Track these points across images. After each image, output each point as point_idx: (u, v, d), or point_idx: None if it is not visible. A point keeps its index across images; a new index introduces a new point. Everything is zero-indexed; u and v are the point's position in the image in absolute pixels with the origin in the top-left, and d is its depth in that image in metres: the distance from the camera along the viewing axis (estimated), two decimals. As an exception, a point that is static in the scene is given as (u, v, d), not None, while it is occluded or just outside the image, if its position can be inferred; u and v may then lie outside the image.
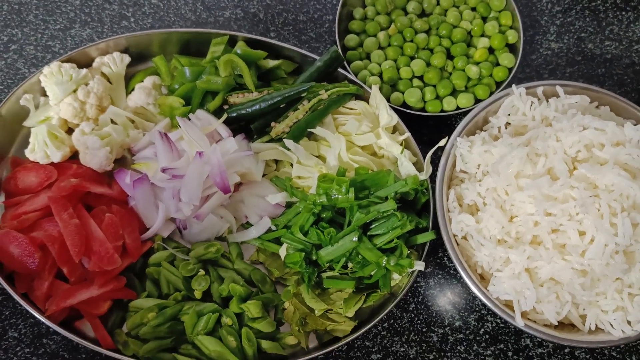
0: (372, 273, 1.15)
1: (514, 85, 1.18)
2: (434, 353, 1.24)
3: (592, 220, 0.98)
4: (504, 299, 1.06)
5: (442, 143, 1.18)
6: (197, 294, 1.16)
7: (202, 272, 1.17)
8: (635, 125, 1.06)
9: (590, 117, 1.08)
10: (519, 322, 1.03)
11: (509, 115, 1.18)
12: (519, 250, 1.03)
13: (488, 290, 1.07)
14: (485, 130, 1.20)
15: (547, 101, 1.17)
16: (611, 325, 1.03)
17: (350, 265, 1.16)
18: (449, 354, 1.24)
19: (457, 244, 1.11)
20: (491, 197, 1.08)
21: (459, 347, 1.24)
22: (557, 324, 1.06)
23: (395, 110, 1.29)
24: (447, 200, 1.14)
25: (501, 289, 1.05)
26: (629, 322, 1.03)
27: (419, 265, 1.14)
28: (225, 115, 1.25)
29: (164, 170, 1.17)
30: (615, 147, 1.04)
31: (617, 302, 1.02)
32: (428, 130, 1.41)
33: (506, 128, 1.18)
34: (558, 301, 1.03)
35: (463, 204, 1.13)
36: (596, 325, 1.05)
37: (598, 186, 1.02)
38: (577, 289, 1.01)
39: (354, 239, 1.10)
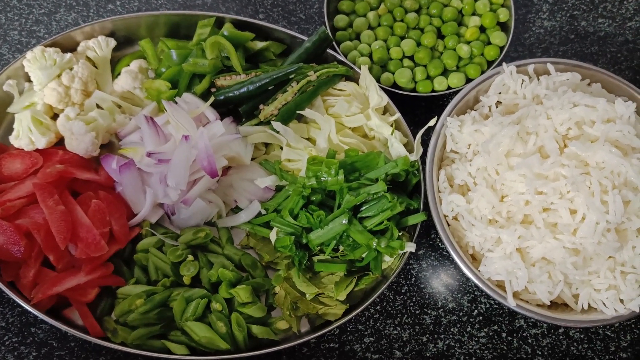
0: (363, 256, 1.14)
1: (504, 64, 1.16)
2: (427, 335, 1.23)
3: (583, 199, 0.97)
4: (496, 280, 1.05)
5: (431, 123, 1.17)
6: (186, 280, 1.15)
7: (190, 257, 1.16)
8: (626, 102, 1.05)
9: (581, 94, 1.06)
10: (511, 303, 1.02)
11: (499, 93, 1.17)
12: (510, 230, 1.02)
13: (479, 271, 1.06)
14: (475, 110, 1.18)
15: (538, 79, 1.15)
16: (604, 304, 1.03)
17: (341, 248, 1.15)
18: (442, 336, 1.23)
19: (449, 225, 1.10)
20: (482, 176, 1.07)
21: (452, 329, 1.23)
22: (549, 303, 1.05)
23: (386, 91, 1.28)
24: (438, 180, 1.12)
25: (493, 270, 1.04)
26: (621, 301, 1.02)
27: (410, 247, 1.12)
28: (212, 98, 1.23)
29: (149, 155, 1.15)
30: (606, 124, 1.02)
31: (610, 280, 1.01)
32: (420, 111, 1.39)
33: (497, 107, 1.17)
34: (550, 281, 1.02)
35: (454, 184, 1.12)
36: (589, 304, 1.04)
37: (589, 164, 1.01)
38: (569, 268, 1.00)
39: (343, 222, 1.09)
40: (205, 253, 1.20)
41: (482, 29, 1.39)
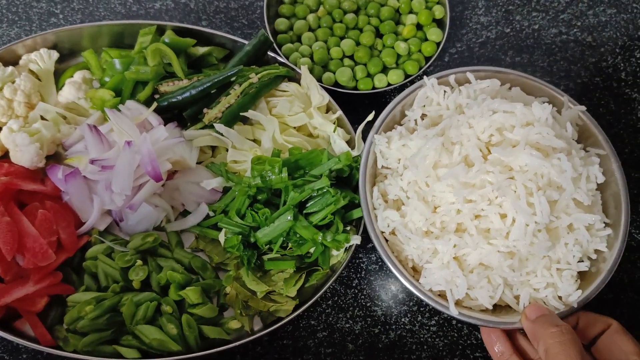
0: (311, 251, 1.16)
1: (425, 77, 1.17)
2: (379, 327, 1.25)
3: (510, 203, 0.97)
4: (437, 290, 1.05)
5: (370, 118, 1.19)
6: (135, 284, 1.16)
7: (139, 262, 1.17)
8: (542, 104, 1.05)
9: (499, 100, 1.06)
10: (453, 312, 1.01)
11: (424, 106, 1.17)
12: (445, 239, 1.01)
13: (420, 283, 1.06)
14: (402, 125, 1.18)
15: (459, 89, 1.16)
16: (544, 302, 1.03)
17: (289, 245, 1.17)
18: (394, 327, 1.25)
19: (387, 241, 1.10)
20: (413, 190, 1.07)
21: (403, 319, 1.26)
22: (492, 308, 1.05)
23: (328, 90, 1.30)
24: (372, 198, 1.13)
25: (432, 280, 1.03)
26: (560, 298, 1.03)
27: (356, 240, 1.15)
28: (155, 104, 1.25)
29: (93, 162, 1.16)
30: (525, 127, 1.02)
31: (547, 278, 1.01)
32: (362, 108, 1.42)
33: (423, 120, 1.17)
34: (490, 285, 1.02)
35: (388, 199, 1.12)
36: (530, 303, 1.03)
37: (513, 168, 1.01)
38: (506, 271, 1.00)
39: (288, 218, 1.11)
40: (154, 257, 1.21)
41: (419, 27, 1.43)
